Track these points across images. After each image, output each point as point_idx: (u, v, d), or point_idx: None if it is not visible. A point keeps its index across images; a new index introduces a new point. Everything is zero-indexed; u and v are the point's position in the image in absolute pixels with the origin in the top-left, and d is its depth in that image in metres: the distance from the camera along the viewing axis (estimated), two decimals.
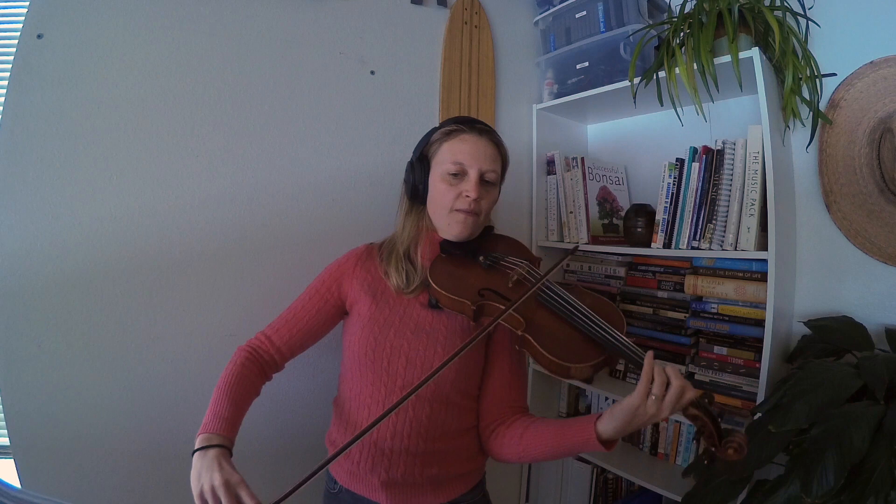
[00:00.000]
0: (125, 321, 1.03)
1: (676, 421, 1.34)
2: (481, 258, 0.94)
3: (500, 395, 0.93)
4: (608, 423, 0.76)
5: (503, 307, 0.83)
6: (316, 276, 1.01)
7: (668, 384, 0.72)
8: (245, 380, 0.89)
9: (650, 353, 0.74)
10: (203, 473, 0.72)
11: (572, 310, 0.85)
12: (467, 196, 0.90)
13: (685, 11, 1.20)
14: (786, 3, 1.17)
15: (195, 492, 0.71)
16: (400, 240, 0.98)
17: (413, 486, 0.89)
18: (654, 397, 0.71)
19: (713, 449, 0.72)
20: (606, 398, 1.49)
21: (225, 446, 0.78)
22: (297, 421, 1.19)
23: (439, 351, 0.89)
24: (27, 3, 0.94)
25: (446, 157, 0.92)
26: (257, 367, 0.93)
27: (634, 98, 1.28)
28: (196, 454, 0.76)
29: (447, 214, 0.93)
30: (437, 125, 0.98)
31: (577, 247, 1.09)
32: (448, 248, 0.95)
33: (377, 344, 0.90)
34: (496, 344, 0.95)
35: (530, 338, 0.81)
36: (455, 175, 0.91)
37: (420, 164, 0.95)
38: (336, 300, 0.98)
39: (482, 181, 0.92)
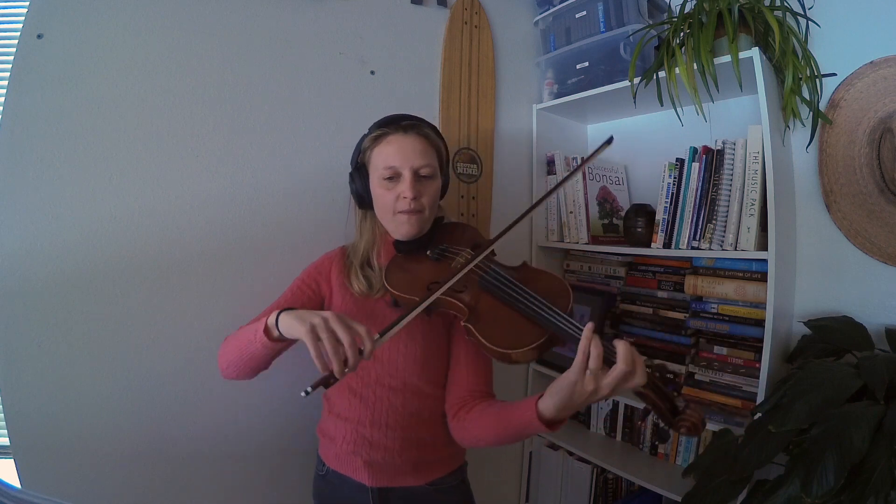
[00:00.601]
0: (125, 321, 1.03)
1: None
2: (428, 252, 0.96)
3: (461, 381, 0.95)
4: (549, 401, 0.74)
5: (450, 298, 0.85)
6: (296, 277, 1.03)
7: (615, 361, 0.67)
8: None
9: (589, 326, 0.70)
10: (305, 315, 0.72)
11: (510, 290, 0.84)
12: (405, 197, 0.91)
13: (685, 11, 1.20)
14: (786, 3, 1.17)
15: (304, 329, 0.69)
16: (356, 250, 1.01)
17: (393, 467, 0.94)
18: (589, 373, 0.68)
19: (666, 427, 0.69)
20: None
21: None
22: (293, 416, 1.19)
23: (401, 347, 0.94)
24: (27, 3, 0.94)
25: (378, 163, 0.94)
26: None
27: (634, 98, 1.28)
28: (283, 314, 0.76)
29: (392, 218, 0.94)
30: (367, 132, 0.99)
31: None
32: (401, 248, 0.98)
33: None
34: (456, 332, 0.96)
35: (471, 327, 0.81)
36: (390, 179, 0.92)
37: (358, 173, 0.98)
38: (317, 296, 1.01)
39: (417, 177, 0.93)
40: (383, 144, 0.94)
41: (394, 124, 0.95)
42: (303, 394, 0.63)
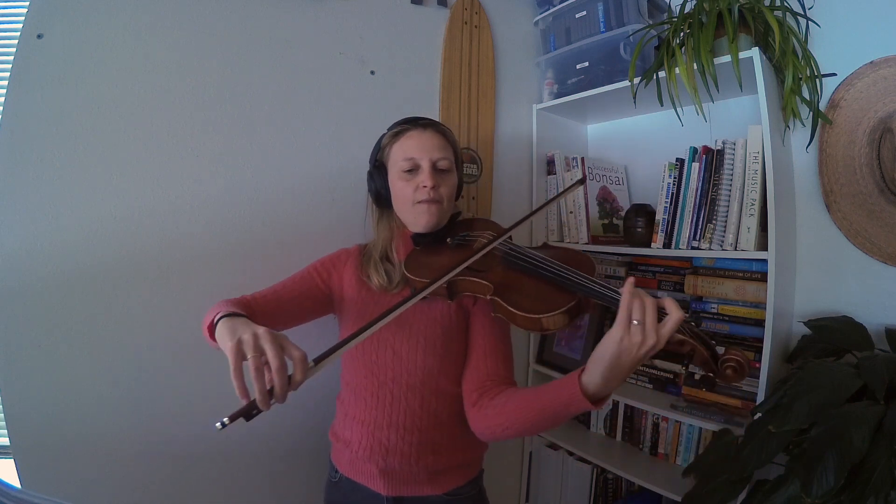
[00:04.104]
0: (125, 321, 1.03)
1: (677, 421, 1.34)
2: (449, 240, 0.98)
3: (480, 366, 0.92)
4: (594, 371, 0.68)
5: (473, 278, 0.84)
6: (309, 264, 1.03)
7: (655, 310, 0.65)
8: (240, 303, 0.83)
9: (630, 280, 0.67)
10: (239, 328, 0.66)
11: (537, 262, 0.85)
12: (424, 186, 0.94)
13: (685, 11, 1.20)
14: (786, 3, 1.17)
15: (230, 343, 0.62)
16: (375, 246, 1.02)
17: (409, 474, 0.93)
18: (636, 323, 0.64)
19: (711, 374, 0.67)
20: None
21: (249, 317, 0.73)
22: (298, 417, 1.20)
23: (421, 341, 0.93)
24: (27, 3, 0.94)
25: (398, 156, 0.97)
26: (247, 309, 0.84)
27: (634, 98, 1.28)
28: (222, 320, 0.70)
29: (411, 208, 0.96)
30: (385, 131, 1.02)
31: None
32: (419, 241, 0.99)
33: (366, 339, 0.91)
34: (475, 321, 0.96)
35: (499, 299, 0.80)
36: (410, 171, 0.95)
37: (377, 171, 1.00)
38: (325, 288, 1.00)
39: (435, 170, 0.96)
40: (403, 139, 0.98)
41: (411, 122, 1.00)
42: (218, 425, 0.55)
